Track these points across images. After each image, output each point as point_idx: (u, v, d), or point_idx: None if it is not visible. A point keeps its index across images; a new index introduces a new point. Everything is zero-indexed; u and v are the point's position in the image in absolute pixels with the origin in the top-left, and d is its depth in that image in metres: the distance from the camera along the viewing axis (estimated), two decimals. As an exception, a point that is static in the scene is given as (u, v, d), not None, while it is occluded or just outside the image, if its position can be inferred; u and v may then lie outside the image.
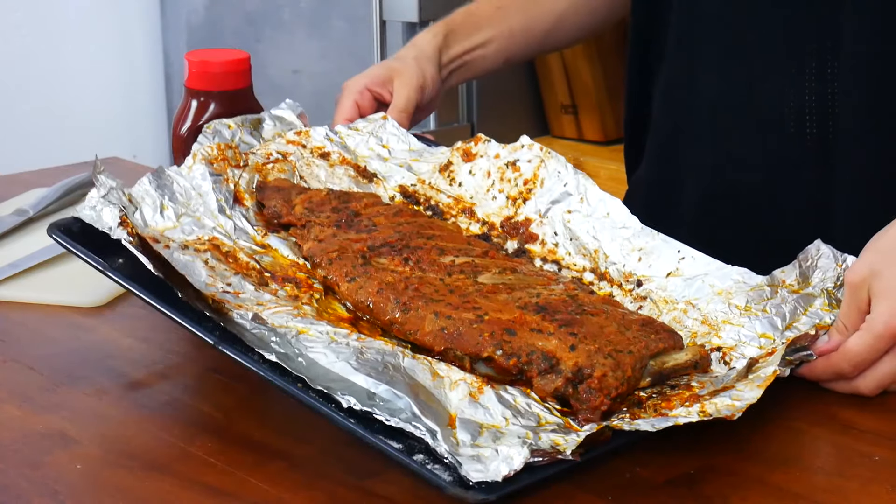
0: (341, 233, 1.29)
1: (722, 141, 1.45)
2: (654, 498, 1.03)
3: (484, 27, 1.61)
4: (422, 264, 1.24)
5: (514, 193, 1.38)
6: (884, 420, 1.14)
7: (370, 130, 1.48)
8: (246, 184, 1.35)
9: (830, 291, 1.22)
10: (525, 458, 0.99)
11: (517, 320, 1.14)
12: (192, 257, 1.21)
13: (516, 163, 1.40)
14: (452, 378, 1.09)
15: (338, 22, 2.67)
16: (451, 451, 1.00)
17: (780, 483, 1.05)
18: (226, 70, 1.49)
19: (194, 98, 1.49)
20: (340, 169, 1.42)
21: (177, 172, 1.33)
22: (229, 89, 1.49)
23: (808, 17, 1.38)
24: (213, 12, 2.90)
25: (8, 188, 1.78)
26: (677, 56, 1.49)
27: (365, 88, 1.53)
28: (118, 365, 1.26)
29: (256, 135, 1.43)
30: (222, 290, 1.17)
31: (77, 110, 3.01)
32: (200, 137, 1.39)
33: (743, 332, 1.20)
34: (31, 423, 1.16)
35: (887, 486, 1.04)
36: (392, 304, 1.18)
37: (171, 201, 1.30)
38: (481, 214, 1.38)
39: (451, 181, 1.42)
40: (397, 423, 1.02)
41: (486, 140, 1.43)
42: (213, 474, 1.07)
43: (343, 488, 1.04)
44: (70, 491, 1.05)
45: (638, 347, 1.12)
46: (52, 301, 1.42)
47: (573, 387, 1.08)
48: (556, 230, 1.34)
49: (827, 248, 1.24)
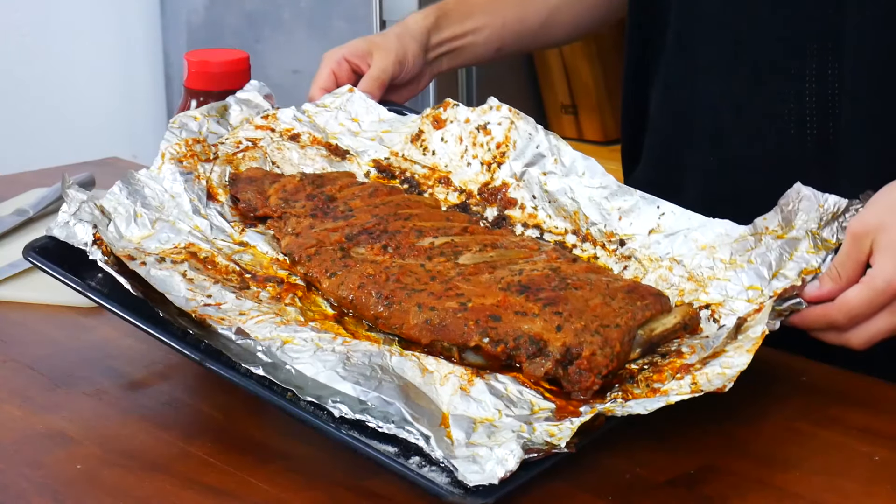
0: (318, 223, 1.28)
1: (722, 142, 1.45)
2: (654, 498, 1.03)
3: (476, 14, 1.61)
4: (401, 250, 1.23)
5: (487, 158, 1.38)
6: (884, 420, 1.14)
7: (338, 105, 1.46)
8: (218, 178, 1.34)
9: (815, 232, 1.21)
10: (519, 458, 0.99)
11: (501, 304, 1.13)
12: (170, 271, 1.19)
13: (487, 126, 1.39)
14: (442, 372, 1.09)
15: (338, 22, 2.67)
16: (447, 454, 1.00)
17: (780, 483, 1.05)
18: (225, 70, 1.49)
19: (194, 98, 1.49)
20: (312, 149, 1.41)
21: (147, 176, 1.31)
22: (229, 89, 1.49)
23: (809, 17, 1.38)
24: (213, 12, 2.90)
25: (8, 188, 1.78)
26: (676, 56, 1.49)
27: (343, 59, 1.53)
28: (118, 365, 1.26)
29: (224, 122, 1.41)
30: (203, 304, 1.15)
31: (77, 110, 3.01)
32: (167, 134, 1.35)
33: (730, 286, 1.20)
34: (31, 423, 1.15)
35: (887, 486, 1.04)
36: (374, 299, 1.17)
37: (144, 208, 1.28)
38: (458, 182, 1.37)
39: (425, 150, 1.40)
40: (390, 429, 1.02)
41: (455, 104, 1.42)
42: (213, 474, 1.07)
43: (343, 488, 1.04)
44: (70, 491, 1.05)
45: (625, 319, 1.11)
46: (52, 301, 1.42)
47: (563, 368, 1.09)
48: (533, 193, 1.34)
49: (807, 189, 1.23)
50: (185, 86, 1.50)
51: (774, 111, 1.40)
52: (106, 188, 1.76)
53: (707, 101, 1.46)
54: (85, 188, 1.74)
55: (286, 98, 1.52)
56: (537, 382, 1.09)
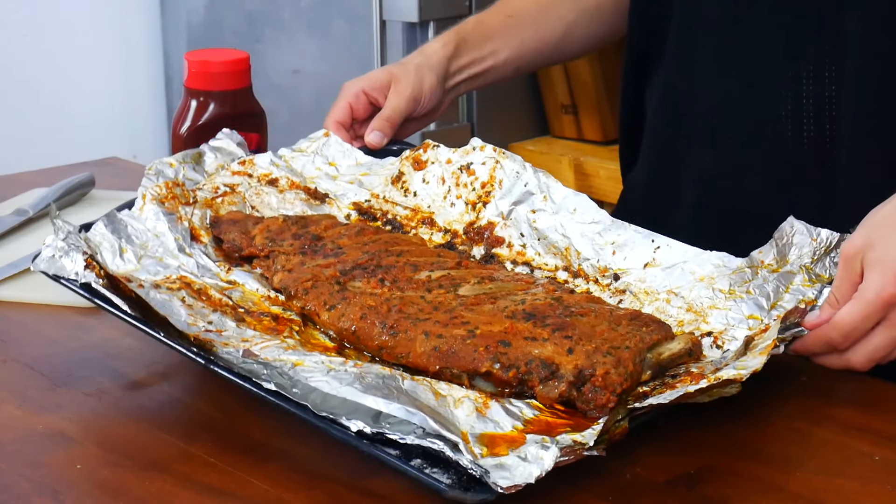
0: (308, 259, 1.27)
1: (720, 144, 1.45)
2: (654, 498, 1.03)
3: (494, 36, 1.60)
4: (399, 283, 1.22)
5: (472, 198, 1.37)
6: (884, 420, 1.14)
7: (314, 150, 1.45)
8: (199, 220, 1.32)
9: (808, 267, 1.22)
10: (555, 456, 0.98)
11: (509, 330, 1.13)
12: (169, 296, 1.18)
13: (470, 166, 1.38)
14: (455, 396, 1.07)
15: (338, 22, 2.67)
16: (474, 460, 0.99)
17: (780, 483, 1.05)
18: (225, 70, 1.49)
19: (194, 98, 1.49)
20: (291, 193, 1.40)
21: (129, 216, 1.30)
22: (229, 89, 1.49)
23: (808, 19, 1.38)
24: (213, 12, 2.90)
25: (8, 188, 1.78)
26: (675, 59, 1.49)
27: (361, 91, 1.52)
28: (118, 365, 1.26)
29: (200, 169, 1.40)
30: (205, 330, 1.15)
31: (77, 110, 3.01)
32: (144, 180, 1.35)
33: (731, 315, 1.20)
34: (31, 423, 1.15)
35: (887, 486, 1.04)
36: (378, 329, 1.16)
37: (128, 244, 1.27)
38: (442, 223, 1.36)
39: (406, 192, 1.40)
40: (413, 440, 1.01)
41: (435, 146, 1.41)
42: (213, 474, 1.07)
43: (343, 488, 1.04)
44: (70, 491, 1.05)
45: (634, 342, 1.11)
46: (52, 301, 1.42)
47: (577, 389, 1.08)
48: (521, 231, 1.33)
49: (800, 224, 1.24)
50: (185, 86, 1.50)
51: (771, 113, 1.40)
52: (106, 188, 1.77)
53: (705, 102, 1.46)
54: (85, 188, 1.75)
55: (286, 98, 1.53)
56: (551, 406, 1.08)
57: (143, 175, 1.35)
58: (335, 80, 2.69)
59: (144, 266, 1.24)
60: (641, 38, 1.54)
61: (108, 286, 1.17)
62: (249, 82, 1.52)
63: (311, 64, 2.71)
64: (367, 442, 1.02)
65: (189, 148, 1.47)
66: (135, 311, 1.16)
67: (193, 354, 1.12)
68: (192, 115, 1.49)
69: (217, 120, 1.48)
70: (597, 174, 2.41)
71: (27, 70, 2.93)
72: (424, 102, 1.54)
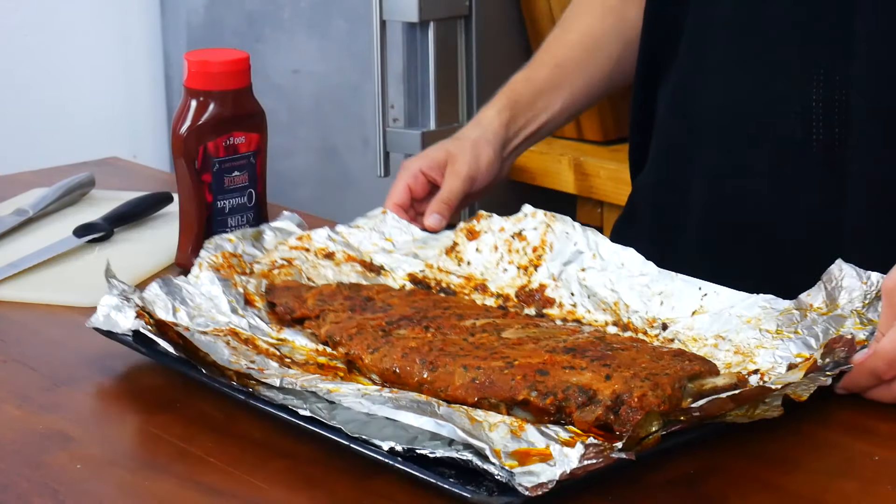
0: (357, 315, 1.28)
1: (729, 146, 1.45)
2: (654, 498, 1.03)
3: (545, 92, 1.60)
4: (443, 329, 1.23)
5: (524, 262, 1.38)
6: (884, 420, 1.14)
7: (371, 226, 1.47)
8: (255, 288, 1.35)
9: (860, 312, 1.21)
10: (580, 454, 0.98)
11: (548, 361, 1.13)
12: (214, 338, 1.21)
13: (522, 232, 1.40)
14: (492, 421, 1.07)
15: (338, 22, 2.67)
16: (502, 467, 0.99)
17: (781, 483, 1.05)
18: (225, 70, 1.49)
19: (194, 98, 1.49)
20: (347, 266, 1.42)
21: (184, 281, 1.32)
22: (229, 89, 1.49)
23: (820, 23, 1.37)
24: (213, 12, 2.89)
25: (8, 188, 1.78)
26: (687, 61, 1.49)
27: (420, 172, 1.53)
28: (118, 365, 1.26)
29: (259, 245, 1.43)
30: (247, 367, 1.16)
31: (77, 110, 3.01)
32: (202, 252, 1.38)
33: (778, 353, 1.18)
34: (31, 423, 1.16)
35: (888, 486, 1.04)
36: (419, 366, 1.16)
37: (182, 304, 1.29)
38: (494, 288, 1.38)
39: (459, 261, 1.41)
40: (442, 453, 1.01)
41: (488, 216, 1.43)
42: (212, 474, 1.07)
43: (343, 488, 1.04)
44: (70, 491, 1.05)
45: (674, 370, 1.11)
46: (52, 301, 1.42)
47: (614, 413, 1.07)
48: (572, 290, 1.33)
49: (849, 267, 1.23)
50: (185, 86, 1.50)
51: (781, 116, 1.40)
52: (106, 188, 1.77)
53: (715, 104, 1.46)
54: (85, 188, 1.75)
55: (286, 98, 1.52)
56: (588, 430, 1.08)
57: (142, 175, 1.35)
58: (335, 80, 2.70)
59: (196, 324, 1.27)
60: (655, 40, 1.54)
61: (156, 332, 1.20)
62: (249, 82, 1.52)
63: (311, 64, 2.71)
64: (400, 459, 1.03)
65: (189, 148, 1.47)
66: (178, 350, 1.18)
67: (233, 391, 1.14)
68: (192, 115, 1.48)
69: (217, 120, 1.48)
70: (597, 174, 2.41)
71: (27, 70, 2.92)
72: (481, 179, 1.55)
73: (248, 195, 1.52)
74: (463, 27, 2.53)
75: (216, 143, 1.49)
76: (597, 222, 2.54)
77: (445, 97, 2.53)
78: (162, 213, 1.68)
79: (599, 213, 2.53)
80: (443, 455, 1.01)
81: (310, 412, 1.08)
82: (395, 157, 2.52)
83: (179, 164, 1.49)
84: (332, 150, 2.73)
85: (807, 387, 1.09)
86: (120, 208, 1.65)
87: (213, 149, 1.48)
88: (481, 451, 1.00)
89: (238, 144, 1.50)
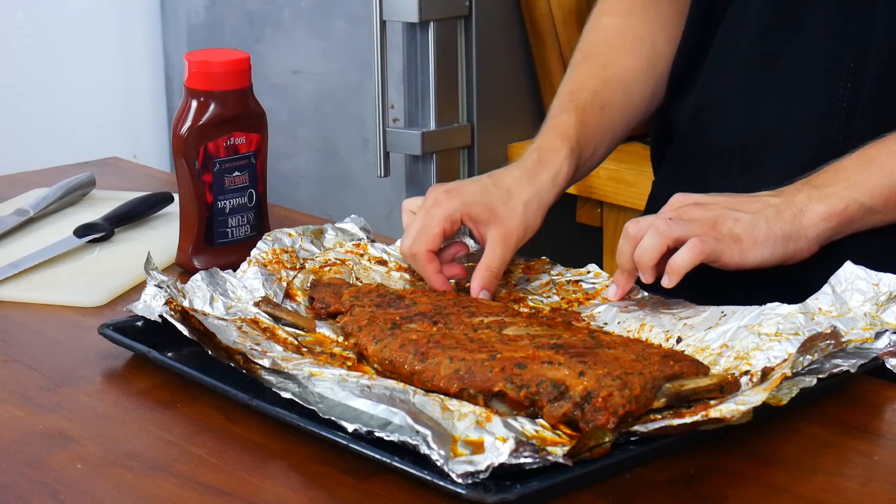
0: (380, 311, 1.29)
1: (748, 168, 1.46)
2: (654, 498, 1.03)
3: (594, 136, 1.53)
4: (450, 324, 1.25)
5: (571, 297, 1.38)
6: (884, 420, 1.15)
7: None
8: (300, 283, 1.37)
9: (874, 315, 1.21)
10: (511, 449, 1.00)
11: (529, 356, 1.14)
12: (227, 324, 1.24)
13: (578, 281, 1.40)
14: (462, 411, 1.08)
15: (338, 22, 2.67)
16: (445, 455, 1.01)
17: (780, 483, 1.05)
18: (226, 70, 1.49)
19: (194, 98, 1.49)
20: (396, 274, 1.43)
21: (230, 274, 1.35)
22: (229, 89, 1.49)
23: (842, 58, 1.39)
24: (213, 12, 2.89)
25: (8, 188, 1.79)
26: (710, 82, 1.50)
27: (459, 218, 1.38)
28: (118, 365, 1.26)
29: (318, 244, 1.45)
30: (250, 349, 1.19)
31: (77, 110, 3.01)
32: (260, 243, 1.40)
33: (772, 354, 1.18)
34: (31, 423, 1.16)
35: (887, 486, 1.04)
36: (411, 356, 1.18)
37: (221, 296, 1.32)
38: (531, 302, 1.38)
39: (508, 284, 1.41)
40: (397, 438, 1.04)
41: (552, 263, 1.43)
42: (213, 474, 1.07)
43: (343, 488, 1.04)
44: (70, 491, 1.05)
45: (650, 370, 1.11)
46: (52, 301, 1.42)
47: (580, 409, 1.08)
48: (606, 321, 1.32)
49: (860, 269, 1.23)
50: (185, 86, 1.50)
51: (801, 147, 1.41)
52: (106, 188, 1.77)
53: (735, 127, 1.47)
54: (85, 188, 1.75)
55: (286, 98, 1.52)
56: (556, 427, 1.09)
57: (143, 175, 1.35)
58: (335, 80, 2.70)
59: (229, 314, 1.30)
60: (679, 59, 1.54)
61: (179, 318, 1.23)
62: (250, 82, 1.52)
63: (311, 64, 2.71)
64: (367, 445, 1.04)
65: (190, 148, 1.48)
66: (192, 334, 1.22)
67: (233, 391, 1.16)
68: (193, 115, 1.48)
69: (217, 120, 1.48)
70: (597, 174, 2.41)
71: (27, 70, 2.92)
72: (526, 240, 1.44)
73: (249, 195, 1.52)
74: (463, 27, 2.53)
75: (217, 143, 1.49)
76: (597, 222, 2.54)
77: (445, 97, 2.53)
78: (162, 213, 1.68)
79: (599, 213, 2.53)
80: (397, 439, 1.04)
81: (291, 395, 1.12)
82: (395, 156, 2.52)
83: (180, 165, 1.50)
84: (332, 151, 2.72)
85: (788, 390, 1.09)
86: (120, 208, 1.65)
87: (213, 149, 1.49)
88: (424, 437, 1.02)
89: (238, 145, 1.50)
